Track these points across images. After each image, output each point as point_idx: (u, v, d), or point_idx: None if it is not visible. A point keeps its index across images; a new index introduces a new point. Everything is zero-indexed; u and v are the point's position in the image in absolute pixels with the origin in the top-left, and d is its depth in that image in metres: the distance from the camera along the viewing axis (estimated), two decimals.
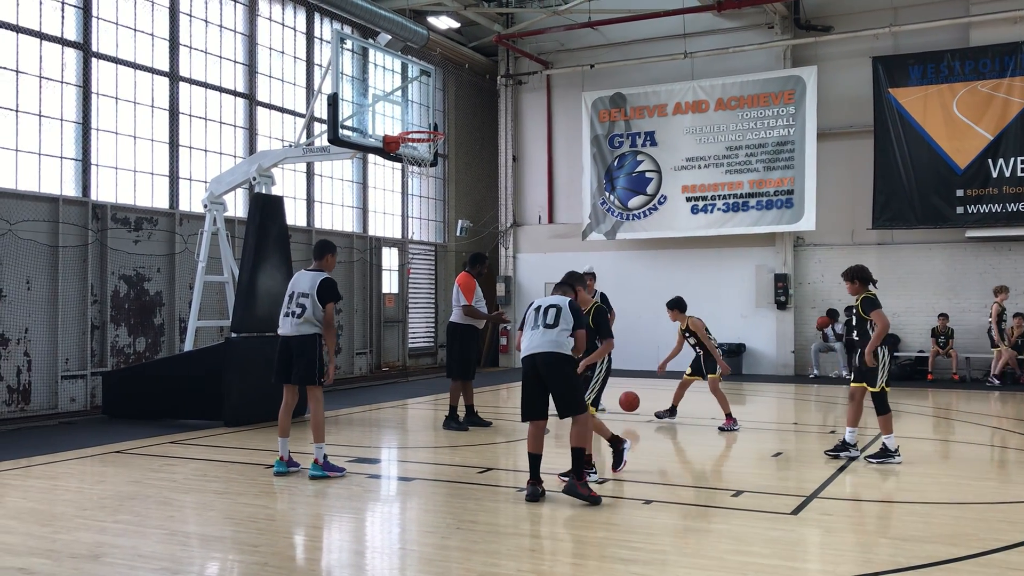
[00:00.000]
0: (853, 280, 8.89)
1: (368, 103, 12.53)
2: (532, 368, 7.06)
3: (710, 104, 19.62)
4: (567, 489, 6.90)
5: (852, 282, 8.89)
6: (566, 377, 7.01)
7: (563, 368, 7.00)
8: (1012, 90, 17.21)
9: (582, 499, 6.81)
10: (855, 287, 8.88)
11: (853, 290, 8.92)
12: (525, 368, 7.14)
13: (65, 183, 12.96)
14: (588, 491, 6.85)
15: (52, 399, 12.48)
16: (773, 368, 19.44)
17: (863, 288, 8.85)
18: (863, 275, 8.89)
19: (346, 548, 6.13)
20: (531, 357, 7.06)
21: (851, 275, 8.93)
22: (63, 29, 12.96)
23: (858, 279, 8.87)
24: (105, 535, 6.02)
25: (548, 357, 6.98)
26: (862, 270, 8.92)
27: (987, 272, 18.00)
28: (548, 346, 7.00)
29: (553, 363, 6.97)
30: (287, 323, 8.15)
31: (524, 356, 7.15)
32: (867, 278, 8.89)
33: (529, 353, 7.09)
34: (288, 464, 8.16)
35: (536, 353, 7.03)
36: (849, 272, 8.97)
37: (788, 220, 18.88)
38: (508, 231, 22.43)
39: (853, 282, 8.88)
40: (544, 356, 6.99)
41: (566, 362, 7.03)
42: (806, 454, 9.65)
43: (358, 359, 18.78)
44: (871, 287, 8.89)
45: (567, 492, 6.87)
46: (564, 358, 7.02)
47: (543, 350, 7.00)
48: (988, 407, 13.72)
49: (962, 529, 6.23)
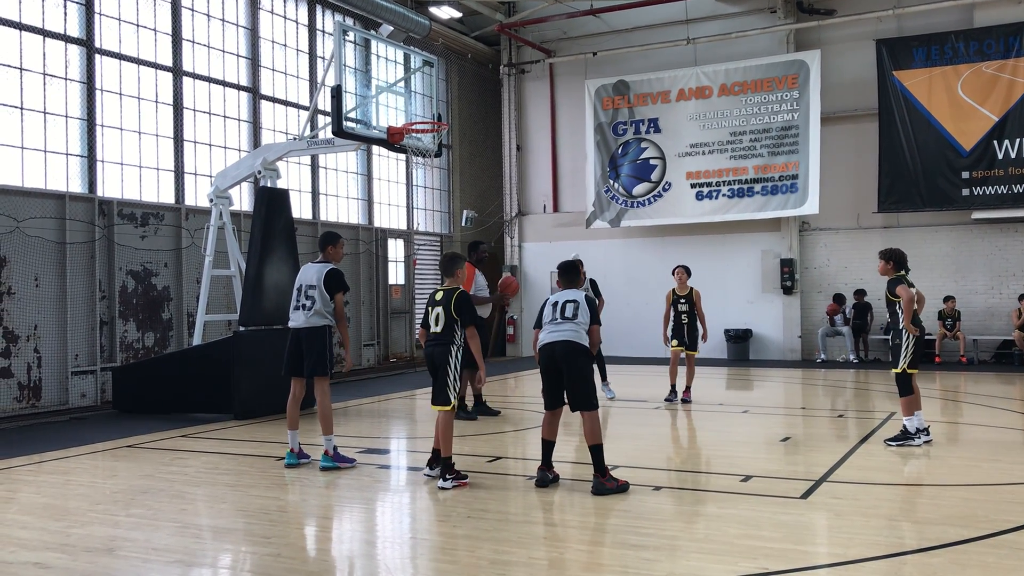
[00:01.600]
0: (889, 260, 8.84)
1: (371, 94, 12.53)
2: (550, 358, 7.06)
3: (714, 90, 19.56)
4: (595, 489, 6.81)
5: (888, 262, 8.84)
6: (581, 370, 7.01)
7: (580, 360, 7.00)
8: (1017, 71, 17.13)
9: (612, 492, 6.77)
10: (887, 267, 8.84)
11: (884, 270, 8.88)
12: (543, 358, 7.13)
13: (71, 180, 12.99)
14: (615, 483, 6.85)
15: (63, 395, 12.54)
16: (780, 353, 19.44)
17: (895, 271, 8.83)
18: (898, 258, 8.84)
19: (357, 538, 6.17)
20: (550, 347, 7.06)
21: (888, 255, 8.87)
22: (66, 26, 12.97)
23: (893, 260, 8.83)
24: (119, 529, 6.07)
25: (567, 346, 6.99)
26: (899, 254, 8.87)
27: (993, 254, 17.96)
28: (566, 335, 7.01)
29: (571, 353, 6.98)
30: (298, 316, 8.18)
31: (542, 346, 7.13)
32: (902, 263, 8.85)
33: (547, 343, 7.09)
34: (299, 456, 8.20)
35: (555, 342, 7.03)
36: (887, 252, 8.91)
37: (793, 205, 18.84)
38: (513, 220, 22.43)
39: (888, 262, 8.84)
40: (563, 345, 7.00)
41: (583, 354, 7.02)
42: (814, 438, 9.67)
43: (366, 350, 18.83)
44: (904, 273, 8.85)
45: (596, 492, 6.79)
46: (582, 349, 7.01)
47: (562, 339, 7.01)
48: (996, 389, 13.71)
49: (972, 511, 6.24)
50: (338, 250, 8.48)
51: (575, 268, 7.64)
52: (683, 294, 12.05)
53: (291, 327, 8.25)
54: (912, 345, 8.72)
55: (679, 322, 12.06)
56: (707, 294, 13.21)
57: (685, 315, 12.02)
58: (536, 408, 11.76)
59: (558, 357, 7.01)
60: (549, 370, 7.11)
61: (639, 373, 16.44)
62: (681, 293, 12.07)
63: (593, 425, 6.98)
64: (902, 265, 8.86)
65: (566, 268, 7.63)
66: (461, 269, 7.67)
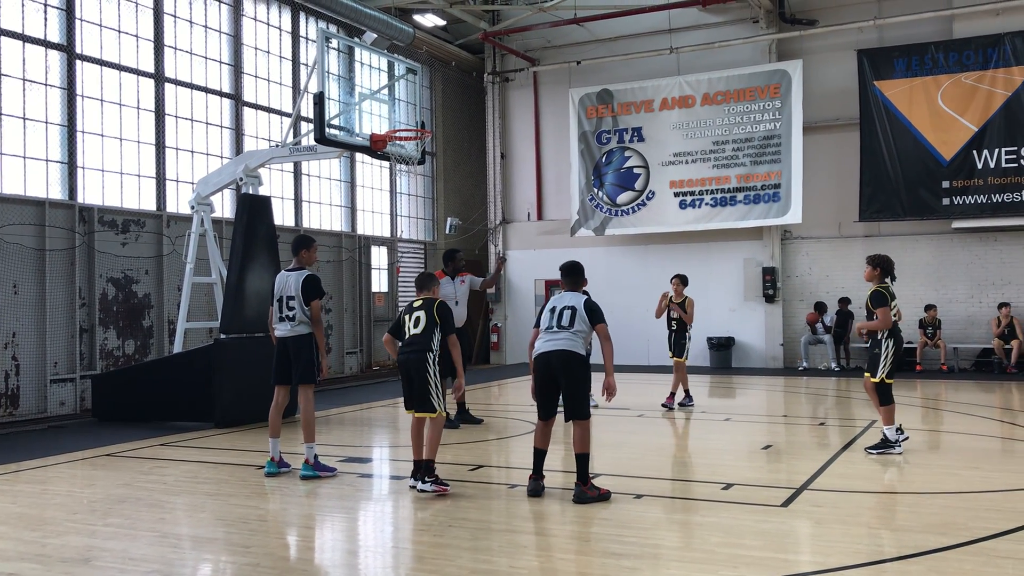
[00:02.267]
0: (875, 267, 8.86)
1: (355, 102, 12.52)
2: (546, 367, 6.99)
3: (696, 99, 19.66)
4: (576, 497, 6.80)
5: (874, 268, 8.86)
6: (578, 379, 6.95)
7: (576, 369, 6.94)
8: (995, 82, 17.31)
9: (594, 501, 6.75)
10: (873, 273, 8.86)
11: (869, 275, 8.90)
12: (539, 367, 7.05)
13: (51, 186, 12.90)
14: (596, 491, 6.83)
15: (41, 403, 12.43)
16: (762, 361, 19.51)
17: (879, 278, 8.86)
18: (885, 265, 8.87)
19: (339, 548, 6.14)
20: (546, 355, 7.00)
21: (875, 261, 8.89)
22: (46, 31, 12.89)
23: (880, 267, 8.85)
24: (95, 539, 6.01)
25: (563, 355, 6.93)
26: (886, 260, 8.91)
27: (973, 263, 18.12)
28: (562, 344, 6.94)
29: (567, 362, 6.92)
30: (283, 327, 8.17)
31: (538, 355, 7.06)
32: (888, 270, 8.88)
33: (543, 351, 7.02)
34: (279, 464, 8.16)
35: (551, 352, 6.97)
36: (874, 258, 8.93)
37: (776, 214, 18.94)
38: (497, 228, 22.43)
39: (875, 268, 8.85)
40: (559, 354, 6.93)
41: (580, 363, 6.96)
42: (796, 446, 9.70)
43: (348, 358, 18.76)
44: (888, 280, 8.89)
45: (577, 500, 6.77)
46: (578, 358, 6.95)
47: (558, 348, 6.95)
48: (976, 396, 13.80)
49: (950, 518, 6.27)
50: (311, 254, 8.46)
51: (578, 270, 7.43)
52: (678, 302, 12.32)
53: (277, 336, 8.24)
54: (891, 354, 8.76)
55: (669, 329, 12.32)
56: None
57: (675, 322, 12.28)
58: (520, 416, 11.77)
59: (554, 367, 6.95)
60: (545, 380, 7.03)
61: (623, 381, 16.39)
62: (677, 301, 12.32)
63: (584, 434, 6.93)
64: (888, 272, 8.90)
65: (569, 269, 7.41)
66: (437, 286, 7.77)
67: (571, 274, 7.40)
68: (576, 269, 7.43)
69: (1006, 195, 17.20)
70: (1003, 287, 17.80)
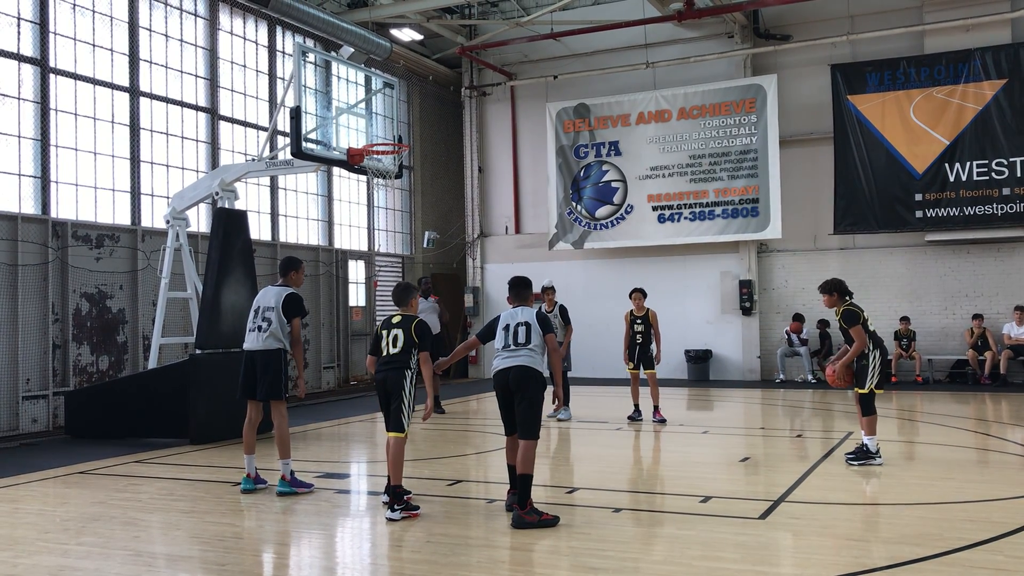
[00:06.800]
0: (831, 293, 9.04)
1: (332, 116, 12.49)
2: (504, 383, 6.98)
3: (672, 113, 19.79)
4: (514, 522, 6.57)
5: (830, 294, 9.04)
6: (531, 399, 6.86)
7: (531, 387, 6.86)
8: (966, 96, 17.56)
9: (534, 527, 6.47)
10: (832, 299, 9.03)
11: (830, 302, 9.06)
12: (497, 384, 7.04)
13: (24, 200, 12.75)
14: (537, 516, 6.58)
15: (13, 420, 12.25)
16: (740, 373, 19.59)
17: (840, 300, 8.99)
18: (840, 288, 9.04)
19: (316, 565, 6.08)
20: (504, 373, 6.97)
21: (828, 288, 9.07)
22: (19, 45, 12.78)
23: (836, 291, 9.02)
24: (68, 558, 5.92)
25: (520, 372, 6.89)
26: (839, 283, 9.08)
27: (947, 275, 18.31)
28: (520, 360, 6.91)
29: (523, 379, 6.87)
30: (251, 337, 8.10)
31: (496, 372, 7.05)
32: (844, 291, 9.05)
33: (502, 368, 7.01)
34: (255, 481, 8.08)
35: (509, 368, 6.94)
36: (826, 285, 9.11)
37: (754, 228, 19.05)
38: (475, 242, 22.43)
39: (831, 294, 9.03)
40: (517, 371, 6.90)
41: (536, 379, 6.90)
42: (774, 458, 9.74)
43: (326, 373, 18.65)
44: (849, 299, 9.01)
45: (515, 525, 6.53)
46: (535, 374, 6.91)
47: (516, 364, 6.92)
48: (950, 408, 13.93)
49: (926, 529, 6.32)
50: (300, 275, 8.44)
51: (527, 284, 7.38)
52: (640, 315, 12.45)
53: (245, 349, 8.16)
54: (878, 364, 8.87)
55: (634, 343, 12.47)
56: (667, 315, 13.40)
57: (640, 335, 12.48)
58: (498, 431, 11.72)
59: (511, 383, 6.93)
60: (505, 396, 7.02)
61: (601, 394, 16.47)
62: (638, 314, 12.48)
63: (528, 453, 6.74)
64: (845, 292, 9.06)
65: (517, 283, 7.34)
66: (415, 299, 7.63)
67: (519, 287, 7.33)
68: (524, 283, 7.38)
69: (978, 208, 17.43)
70: (976, 299, 18.00)
